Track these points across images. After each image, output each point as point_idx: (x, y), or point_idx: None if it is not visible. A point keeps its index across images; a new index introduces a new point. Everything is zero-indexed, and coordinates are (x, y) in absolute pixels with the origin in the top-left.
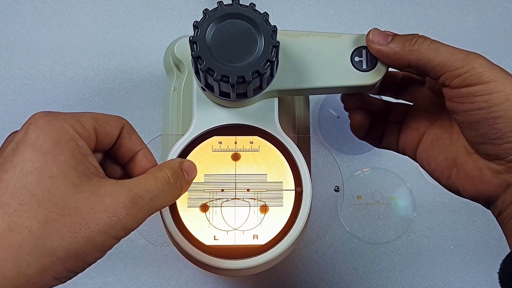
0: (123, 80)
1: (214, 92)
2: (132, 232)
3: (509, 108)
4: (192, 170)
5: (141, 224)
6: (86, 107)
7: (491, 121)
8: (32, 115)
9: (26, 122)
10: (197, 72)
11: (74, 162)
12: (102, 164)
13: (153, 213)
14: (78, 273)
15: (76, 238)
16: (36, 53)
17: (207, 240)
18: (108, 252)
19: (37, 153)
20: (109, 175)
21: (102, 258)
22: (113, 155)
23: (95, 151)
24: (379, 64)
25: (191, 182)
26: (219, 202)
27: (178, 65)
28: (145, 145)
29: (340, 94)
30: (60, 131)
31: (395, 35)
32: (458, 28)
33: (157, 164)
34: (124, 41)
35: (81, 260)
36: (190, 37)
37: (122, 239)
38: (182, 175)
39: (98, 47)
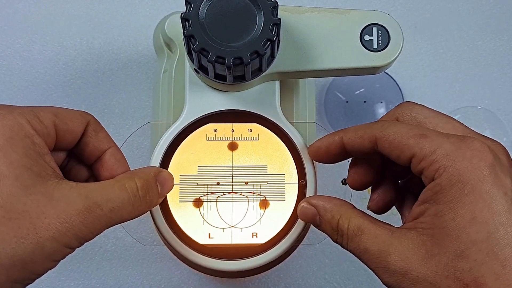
0: (108, 61)
1: (208, 75)
2: (118, 230)
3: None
4: (168, 182)
5: (97, 235)
6: (67, 90)
7: None
8: None
9: None
10: (189, 53)
11: (28, 162)
12: (65, 164)
13: (112, 226)
14: (26, 285)
15: (22, 244)
16: (12, 30)
17: (201, 239)
18: (92, 251)
19: None
20: (74, 177)
21: (85, 258)
22: (78, 155)
23: (55, 149)
24: (392, 43)
25: (164, 196)
26: (214, 196)
27: (169, 44)
28: (114, 143)
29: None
30: (15, 126)
31: (318, 214)
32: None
33: (126, 164)
34: (110, 18)
35: (28, 269)
36: (181, 14)
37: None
38: (154, 188)
39: (81, 24)
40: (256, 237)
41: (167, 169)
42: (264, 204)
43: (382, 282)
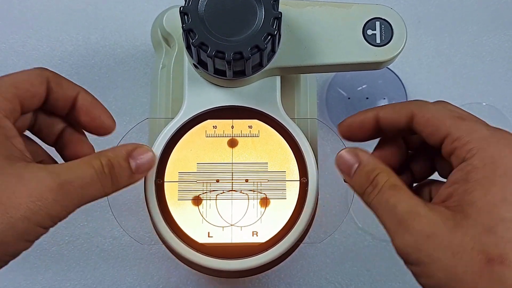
0: (105, 56)
1: (208, 70)
2: (116, 229)
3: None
4: (144, 158)
5: (70, 213)
6: None
7: None
8: None
9: None
10: (188, 47)
11: None
12: (33, 123)
13: (84, 204)
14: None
15: None
16: (6, 25)
17: (200, 238)
18: (88, 251)
19: None
20: (47, 133)
21: (82, 258)
22: (51, 112)
23: (22, 113)
24: (395, 38)
25: (144, 173)
26: (213, 194)
27: (167, 39)
28: (80, 87)
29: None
30: None
31: (359, 164)
32: None
33: (100, 104)
34: (107, 12)
35: (1, 250)
36: (180, 8)
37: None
38: (124, 165)
39: (77, 18)
40: (257, 236)
41: (165, 167)
42: (264, 202)
43: (395, 244)
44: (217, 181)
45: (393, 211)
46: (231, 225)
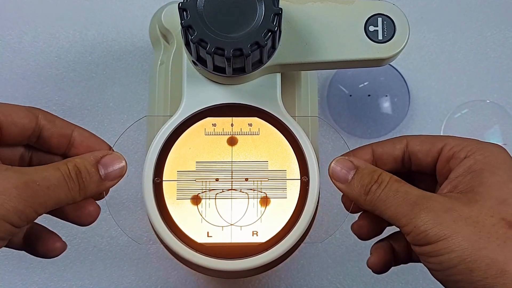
0: (102, 53)
1: (207, 67)
2: (113, 229)
3: (466, 271)
4: (113, 165)
5: (38, 214)
6: (59, 83)
7: (451, 285)
8: None
9: None
10: (187, 44)
11: None
12: (29, 161)
13: (53, 206)
14: None
15: None
16: (2, 21)
17: (199, 237)
18: (85, 251)
19: None
20: None
21: (79, 258)
22: (48, 150)
23: (7, 144)
24: (397, 35)
25: (115, 180)
26: (213, 193)
27: (165, 35)
28: (75, 125)
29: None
30: None
31: (357, 169)
32: None
33: (99, 138)
34: (104, 8)
35: None
36: (179, 4)
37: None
38: (92, 171)
39: (74, 14)
40: (257, 235)
41: (163, 165)
42: (265, 201)
43: (409, 227)
44: (217, 180)
45: (406, 196)
46: (231, 224)
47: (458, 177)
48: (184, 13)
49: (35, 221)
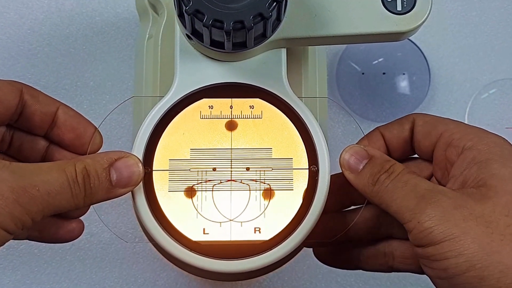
0: (82, 25)
1: (203, 42)
2: (93, 224)
3: (475, 279)
4: (129, 170)
5: (34, 220)
6: (33, 59)
7: None
8: None
9: None
10: (181, 15)
11: None
12: (10, 141)
13: (52, 213)
14: None
15: None
16: None
17: (194, 235)
18: (60, 249)
19: None
20: (29, 153)
21: (55, 258)
22: (29, 129)
23: None
24: (418, 5)
25: (127, 188)
26: (209, 185)
27: (154, 5)
28: (60, 102)
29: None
30: None
31: (371, 158)
32: None
33: (85, 119)
34: None
35: None
36: None
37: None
38: (102, 176)
39: None
40: (259, 232)
41: (153, 153)
42: (268, 193)
43: (412, 224)
44: (214, 169)
45: (414, 189)
46: (230, 220)
47: (464, 171)
48: None
49: None
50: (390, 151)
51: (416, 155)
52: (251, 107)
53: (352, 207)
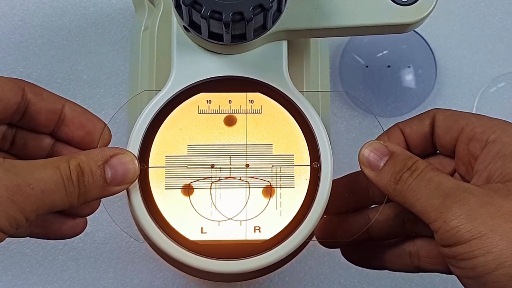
0: (75, 16)
1: (201, 34)
2: (87, 224)
3: (505, 277)
4: (124, 167)
5: (28, 219)
6: (24, 51)
7: None
8: None
9: None
10: (178, 6)
11: None
12: (13, 140)
13: (46, 212)
14: None
15: None
16: None
17: (192, 234)
18: (54, 249)
19: None
20: (34, 151)
21: (47, 258)
22: (36, 128)
23: None
24: None
25: (122, 186)
26: (207, 182)
27: None
28: (65, 99)
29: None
30: None
31: (391, 155)
32: None
33: (93, 115)
34: None
35: None
36: None
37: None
38: (96, 173)
39: None
40: (259, 232)
41: (149, 149)
42: (268, 191)
43: (438, 223)
44: (212, 166)
45: (439, 187)
46: (229, 219)
47: (489, 166)
48: None
49: None
50: (410, 148)
51: (437, 152)
52: (251, 101)
53: (373, 206)
